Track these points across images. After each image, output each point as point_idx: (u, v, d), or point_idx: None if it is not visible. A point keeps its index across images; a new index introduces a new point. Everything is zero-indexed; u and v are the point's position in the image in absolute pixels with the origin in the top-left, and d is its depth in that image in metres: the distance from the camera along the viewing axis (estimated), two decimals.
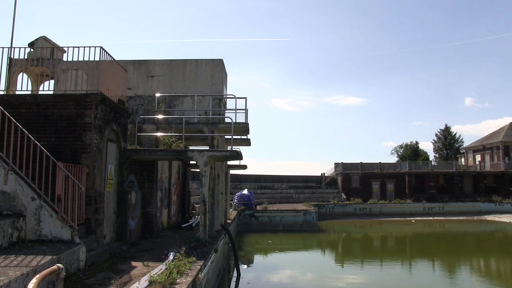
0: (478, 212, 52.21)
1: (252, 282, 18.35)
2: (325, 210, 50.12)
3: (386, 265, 24.64)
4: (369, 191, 57.18)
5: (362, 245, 34.25)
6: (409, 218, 48.28)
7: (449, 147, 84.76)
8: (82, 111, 11.85)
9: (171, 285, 8.54)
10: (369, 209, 52.28)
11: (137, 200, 16.44)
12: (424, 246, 32.86)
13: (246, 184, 52.26)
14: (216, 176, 19.19)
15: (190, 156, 16.09)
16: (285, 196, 54.22)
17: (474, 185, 58.86)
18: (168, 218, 21.12)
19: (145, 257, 12.16)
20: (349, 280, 19.47)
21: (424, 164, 61.44)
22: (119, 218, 14.06)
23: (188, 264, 10.54)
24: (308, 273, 21.37)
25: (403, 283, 19.19)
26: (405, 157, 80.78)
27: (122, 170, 14.47)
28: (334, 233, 39.76)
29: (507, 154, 60.57)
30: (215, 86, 19.35)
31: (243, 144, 24.96)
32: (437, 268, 23.90)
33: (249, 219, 39.24)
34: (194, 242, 14.09)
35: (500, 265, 25.45)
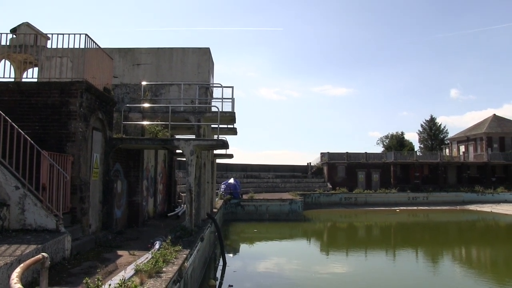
0: (461, 202, 53.04)
1: (238, 270, 18.45)
2: (311, 200, 50.49)
3: (371, 254, 24.93)
4: (355, 180, 57.63)
5: (347, 234, 34.58)
6: (394, 208, 48.86)
7: (434, 137, 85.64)
8: (67, 99, 11.71)
9: (157, 273, 8.55)
10: (354, 198, 52.78)
11: (123, 189, 16.38)
12: (408, 236, 33.30)
13: (232, 173, 52.29)
14: (202, 165, 19.18)
15: (176, 145, 16.04)
16: (271, 185, 54.40)
17: (458, 175, 59.67)
18: (154, 207, 21.08)
19: (131, 246, 12.15)
20: (334, 268, 19.69)
21: (409, 155, 62.06)
22: (104, 207, 13.99)
23: (174, 253, 10.54)
24: (293, 261, 21.54)
25: (387, 271, 19.45)
26: (391, 147, 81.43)
27: (108, 159, 14.37)
28: (320, 222, 40.07)
29: (490, 145, 61.44)
30: (202, 75, 19.25)
31: (230, 133, 24.91)
32: (420, 257, 24.27)
33: (235, 208, 39.36)
34: (180, 231, 14.09)
35: (480, 254, 25.93)
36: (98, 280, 6.32)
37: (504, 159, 59.25)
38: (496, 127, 63.42)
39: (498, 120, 65.64)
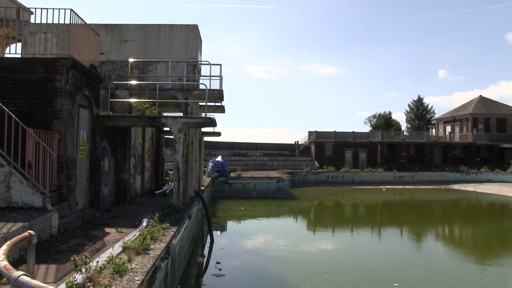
0: (446, 181, 53.81)
1: (226, 247, 18.62)
2: (298, 178, 50.82)
3: (357, 232, 25.29)
4: (342, 159, 58.02)
5: (333, 212, 34.98)
6: (380, 187, 49.42)
7: (421, 118, 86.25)
8: (52, 76, 11.54)
9: (145, 251, 8.60)
10: (341, 177, 53.21)
11: (110, 167, 16.32)
12: (394, 214, 33.80)
13: (220, 151, 52.30)
14: (190, 143, 19.15)
15: (163, 123, 15.97)
16: (258, 163, 54.57)
17: (443, 155, 60.36)
18: (142, 185, 21.08)
19: (118, 224, 12.18)
20: (321, 246, 19.95)
21: (396, 134, 62.50)
22: (92, 184, 13.97)
23: (162, 230, 10.59)
24: (280, 239, 21.78)
25: (372, 249, 19.77)
26: (378, 126, 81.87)
27: (95, 136, 14.29)
28: (307, 201, 40.43)
29: (476, 126, 62.12)
30: (190, 52, 19.05)
31: (218, 111, 24.86)
32: (405, 234, 24.68)
33: (223, 186, 39.49)
34: (167, 209, 14.14)
35: (462, 232, 26.46)
36: (86, 257, 6.35)
37: (488, 140, 60.01)
38: (481, 108, 64.03)
39: (484, 101, 66.23)
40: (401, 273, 14.69)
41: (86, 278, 6.04)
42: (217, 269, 14.43)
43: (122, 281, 6.56)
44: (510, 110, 64.67)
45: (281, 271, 14.59)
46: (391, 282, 13.20)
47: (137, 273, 7.09)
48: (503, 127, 62.46)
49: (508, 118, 63.25)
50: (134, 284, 6.49)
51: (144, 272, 7.19)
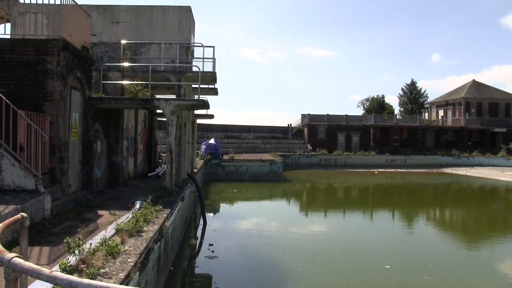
0: (437, 165, 54.23)
1: (219, 230, 18.75)
2: (291, 161, 51.01)
3: (349, 214, 25.54)
4: (335, 142, 58.18)
5: (326, 195, 35.23)
6: (373, 170, 49.73)
7: (414, 101, 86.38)
8: (43, 58, 11.41)
9: (138, 233, 8.64)
10: (334, 160, 53.47)
11: (102, 149, 16.28)
12: (386, 197, 34.11)
13: (213, 134, 52.21)
14: (182, 125, 19.11)
15: (156, 105, 15.90)
16: (251, 146, 54.61)
17: (435, 139, 60.70)
18: (135, 167, 21.06)
19: (111, 206, 12.20)
20: (313, 228, 20.14)
21: (389, 118, 62.70)
22: (84, 167, 13.94)
23: (155, 212, 10.62)
24: (273, 221, 21.96)
25: (364, 231, 19.99)
26: (371, 110, 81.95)
27: (87, 118, 14.21)
28: (299, 183, 40.65)
29: (468, 110, 62.42)
30: (183, 34, 18.87)
31: (210, 94, 24.73)
32: (397, 217, 24.96)
33: (216, 168, 39.56)
34: (160, 191, 14.16)
35: (453, 215, 26.80)
36: (79, 240, 6.38)
37: (480, 124, 60.39)
38: (474, 92, 64.24)
39: (477, 85, 66.42)
40: (393, 256, 14.88)
41: (79, 260, 6.08)
42: (210, 251, 14.54)
43: (115, 263, 6.61)
44: (502, 95, 64.96)
45: (273, 253, 14.73)
46: (383, 264, 13.38)
47: (130, 255, 7.13)
48: (495, 111, 62.80)
49: (500, 103, 63.58)
50: (127, 265, 6.54)
51: (137, 254, 7.23)
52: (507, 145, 55.67)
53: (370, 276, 12.34)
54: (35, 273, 3.02)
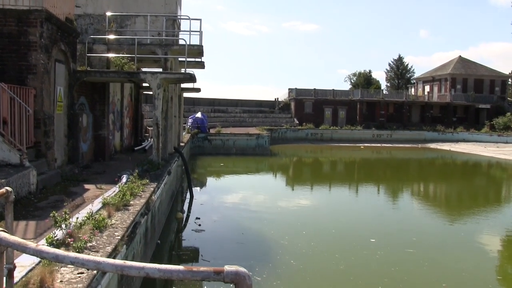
0: (423, 140, 54.77)
1: (205, 203, 18.86)
2: (278, 135, 51.14)
3: (335, 188, 25.84)
4: (321, 117, 58.29)
5: (312, 169, 35.51)
6: (359, 144, 50.07)
7: (401, 77, 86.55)
8: (25, 29, 11.16)
9: (124, 206, 8.67)
10: (320, 134, 53.72)
11: (88, 123, 16.16)
12: (371, 171, 34.51)
13: (199, 108, 51.95)
14: (169, 99, 19.00)
15: (142, 78, 15.76)
16: (238, 120, 54.51)
17: (421, 114, 61.12)
18: (121, 141, 20.96)
19: (98, 180, 12.19)
20: (299, 202, 20.36)
21: (375, 93, 62.85)
22: (70, 141, 13.85)
23: (142, 186, 10.65)
24: (259, 195, 22.14)
25: (349, 205, 20.27)
26: (358, 85, 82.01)
27: (72, 92, 14.05)
28: (286, 157, 40.87)
29: (454, 86, 62.76)
30: (169, 6, 18.56)
31: (197, 67, 24.54)
32: (382, 192, 25.31)
33: (202, 142, 39.54)
34: (147, 165, 14.17)
35: (437, 190, 27.27)
36: (65, 214, 6.39)
37: (465, 100, 60.87)
38: (460, 68, 64.48)
39: (463, 62, 66.63)
40: (378, 229, 15.14)
41: (66, 234, 6.11)
42: (197, 225, 14.66)
43: (102, 236, 6.66)
44: (487, 71, 65.35)
45: (260, 226, 14.90)
46: (368, 238, 13.62)
47: (117, 228, 7.18)
48: (480, 88, 63.26)
49: (485, 79, 64.00)
50: (114, 239, 6.59)
51: (124, 227, 7.29)
52: (491, 121, 56.33)
53: (355, 249, 12.59)
54: (21, 247, 3.04)
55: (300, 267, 10.80)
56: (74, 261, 3.25)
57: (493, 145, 48.52)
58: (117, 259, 6.30)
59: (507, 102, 62.51)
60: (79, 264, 3.26)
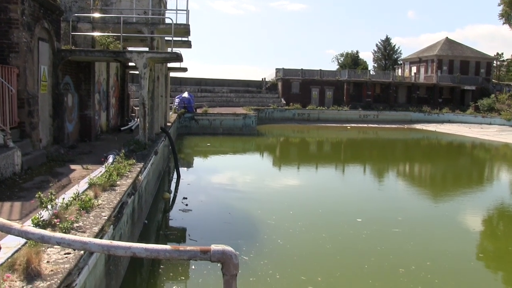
0: (409, 121, 55.20)
1: (192, 183, 18.89)
2: (265, 115, 51.16)
3: (321, 168, 26.01)
4: (309, 97, 58.30)
5: (299, 149, 35.65)
6: (345, 125, 50.32)
7: (388, 57, 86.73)
8: (5, 6, 10.86)
9: (111, 187, 8.66)
10: (307, 114, 53.84)
11: (73, 103, 15.98)
12: (357, 151, 34.78)
13: (186, 87, 51.63)
14: (155, 79, 18.84)
15: (128, 58, 15.58)
16: (225, 99, 54.31)
17: (407, 95, 61.44)
18: (107, 121, 20.80)
19: (84, 160, 12.13)
20: (286, 182, 20.49)
21: (362, 73, 62.92)
22: (55, 121, 13.70)
23: (128, 166, 10.62)
24: (246, 175, 22.22)
25: (336, 185, 20.45)
26: (345, 65, 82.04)
27: (57, 71, 13.84)
28: (273, 137, 40.95)
29: (440, 67, 63.05)
30: None
31: (184, 46, 24.33)
32: (368, 172, 25.56)
33: (189, 122, 39.42)
34: (133, 145, 14.11)
35: (422, 170, 27.61)
36: (51, 194, 6.35)
37: (451, 82, 61.25)
38: (447, 50, 64.69)
39: (450, 43, 66.82)
40: (364, 209, 15.31)
41: (52, 214, 6.09)
42: (184, 205, 14.71)
43: (89, 217, 6.65)
44: (473, 53, 65.65)
45: (247, 206, 14.99)
46: (355, 218, 13.78)
47: (104, 209, 7.18)
48: (466, 69, 63.62)
49: (471, 61, 64.33)
50: (101, 219, 6.60)
51: (111, 208, 7.29)
52: (475, 102, 56.85)
53: (342, 229, 12.75)
54: (5, 228, 3.04)
55: (287, 246, 10.93)
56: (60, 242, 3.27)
57: (477, 126, 49.13)
58: (104, 239, 6.33)
59: (492, 84, 63.05)
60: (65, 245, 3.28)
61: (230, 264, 2.97)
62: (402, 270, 9.47)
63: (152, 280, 8.88)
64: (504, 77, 78.34)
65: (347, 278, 9.13)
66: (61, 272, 4.57)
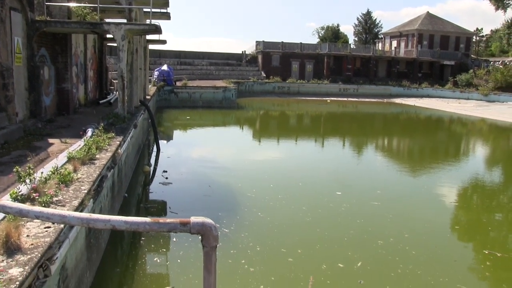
0: (388, 95, 55.67)
1: (172, 156, 18.85)
2: (245, 88, 51.00)
3: (301, 142, 26.18)
4: (289, 70, 58.19)
5: (279, 122, 35.77)
6: (325, 98, 50.53)
7: (369, 31, 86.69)
8: None
9: (90, 160, 8.62)
10: (287, 88, 53.86)
11: (50, 76, 15.67)
12: (337, 125, 35.08)
13: (165, 60, 50.97)
14: (134, 51, 18.56)
15: (106, 29, 15.26)
16: (205, 72, 53.85)
17: (387, 69, 61.80)
18: (85, 95, 20.49)
19: (62, 134, 12.00)
20: (266, 155, 20.60)
21: (343, 47, 62.89)
22: (31, 94, 13.44)
23: (107, 140, 10.56)
24: (226, 148, 22.27)
25: (316, 159, 20.62)
26: (326, 39, 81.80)
27: (31, 43, 13.50)
28: (253, 110, 40.95)
29: (421, 42, 63.32)
30: None
31: (163, 18, 23.92)
32: (347, 145, 25.85)
33: (169, 95, 39.09)
34: (112, 118, 13.99)
35: (400, 143, 28.06)
36: (29, 168, 6.28)
37: (431, 56, 61.71)
38: (427, 24, 64.88)
39: (431, 17, 66.98)
40: (344, 182, 15.55)
41: (31, 189, 6.06)
42: (164, 178, 14.72)
43: (68, 191, 6.64)
44: (454, 28, 65.99)
45: (227, 179, 15.07)
46: (334, 191, 13.99)
47: (83, 182, 7.17)
48: (446, 44, 64.03)
49: (451, 36, 64.71)
50: (80, 193, 6.59)
51: (90, 181, 7.27)
52: (454, 77, 57.48)
53: (322, 202, 12.92)
54: None
55: (267, 219, 11.07)
56: (39, 215, 3.28)
57: (456, 101, 49.80)
58: (84, 213, 6.34)
59: (471, 59, 63.72)
60: (44, 218, 3.29)
61: (210, 236, 3.03)
62: (381, 242, 9.71)
63: (134, 251, 8.96)
64: (482, 53, 79.25)
65: (326, 250, 9.33)
66: (42, 246, 4.59)
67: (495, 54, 72.09)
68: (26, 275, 3.97)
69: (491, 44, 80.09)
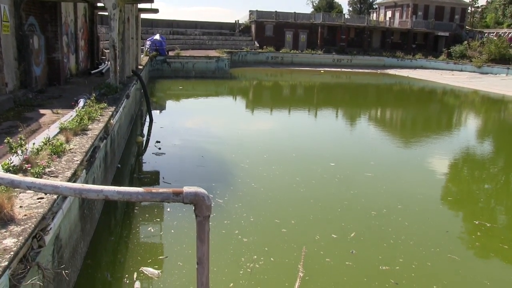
0: (382, 66, 55.44)
1: (165, 127, 18.80)
2: (238, 58, 50.60)
3: (294, 112, 26.16)
4: (282, 40, 57.65)
5: (272, 92, 35.66)
6: (319, 69, 50.27)
7: (363, 1, 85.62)
8: None
9: (82, 131, 8.57)
10: (281, 58, 53.49)
11: (40, 45, 15.41)
12: (330, 96, 35.04)
13: (158, 29, 50.24)
14: (126, 20, 18.24)
15: None
16: (198, 42, 53.22)
17: (382, 40, 61.37)
18: (77, 64, 20.22)
19: (54, 105, 11.89)
20: (260, 126, 20.61)
21: (337, 17, 62.20)
22: (21, 64, 13.23)
23: (100, 110, 10.49)
24: (219, 118, 22.21)
25: (309, 129, 20.64)
26: (320, 8, 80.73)
27: (19, 11, 13.20)
28: (246, 80, 40.74)
29: (415, 12, 62.68)
30: None
31: None
32: (340, 116, 25.88)
33: (161, 65, 38.71)
34: (104, 88, 13.86)
35: (393, 115, 28.12)
36: (21, 139, 6.22)
37: (425, 27, 61.24)
38: None
39: None
40: (337, 153, 15.61)
41: (23, 160, 6.02)
42: (157, 148, 14.71)
43: (61, 161, 6.61)
44: None
45: (220, 150, 15.08)
46: (328, 162, 14.03)
47: (76, 153, 7.13)
48: (441, 15, 63.46)
49: (446, 7, 64.06)
50: (73, 164, 6.57)
51: (83, 152, 7.24)
52: (448, 49, 57.23)
53: (316, 173, 12.96)
54: None
55: (261, 190, 11.12)
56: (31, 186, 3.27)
57: (449, 72, 49.75)
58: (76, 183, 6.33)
59: (465, 31, 63.32)
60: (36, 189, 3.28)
61: (203, 206, 3.04)
62: (374, 213, 9.81)
63: (127, 222, 9.01)
64: (477, 24, 78.67)
65: (320, 221, 9.41)
66: (35, 217, 4.59)
67: (490, 25, 71.57)
68: (20, 246, 3.99)
69: (486, 15, 79.43)
